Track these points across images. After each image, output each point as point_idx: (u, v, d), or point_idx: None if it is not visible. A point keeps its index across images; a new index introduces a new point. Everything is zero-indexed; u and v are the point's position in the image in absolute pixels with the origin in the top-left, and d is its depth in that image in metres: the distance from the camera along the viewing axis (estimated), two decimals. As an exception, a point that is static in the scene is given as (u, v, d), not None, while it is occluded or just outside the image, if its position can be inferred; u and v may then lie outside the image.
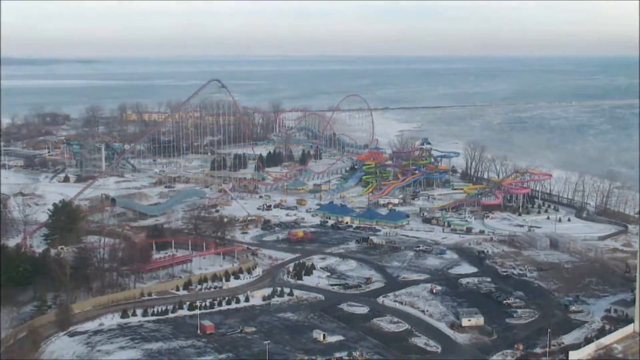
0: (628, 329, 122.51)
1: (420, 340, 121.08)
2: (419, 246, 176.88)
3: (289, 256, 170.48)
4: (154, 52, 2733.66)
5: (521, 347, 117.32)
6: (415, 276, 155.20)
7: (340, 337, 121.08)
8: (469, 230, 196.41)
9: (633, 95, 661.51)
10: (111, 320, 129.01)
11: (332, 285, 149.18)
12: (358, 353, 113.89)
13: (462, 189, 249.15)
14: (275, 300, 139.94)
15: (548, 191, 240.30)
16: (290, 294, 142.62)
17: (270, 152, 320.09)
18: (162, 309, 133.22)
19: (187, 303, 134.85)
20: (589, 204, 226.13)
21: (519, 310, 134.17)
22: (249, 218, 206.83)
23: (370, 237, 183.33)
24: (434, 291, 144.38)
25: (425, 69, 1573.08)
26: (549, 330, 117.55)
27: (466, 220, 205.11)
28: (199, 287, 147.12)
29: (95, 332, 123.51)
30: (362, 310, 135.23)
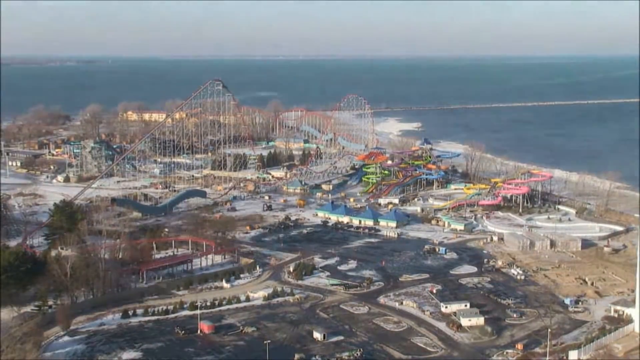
0: (628, 329, 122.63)
1: (420, 340, 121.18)
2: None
3: (289, 256, 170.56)
4: (155, 51, 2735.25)
5: (521, 347, 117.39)
6: (415, 276, 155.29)
7: (340, 337, 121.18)
8: (469, 230, 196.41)
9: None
10: (112, 320, 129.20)
11: (332, 285, 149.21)
12: (359, 353, 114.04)
13: (462, 188, 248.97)
14: (276, 300, 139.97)
15: (548, 191, 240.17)
16: (291, 293, 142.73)
17: (270, 152, 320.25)
18: (162, 309, 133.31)
19: (188, 303, 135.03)
20: (590, 203, 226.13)
21: (519, 310, 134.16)
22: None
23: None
24: (434, 291, 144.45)
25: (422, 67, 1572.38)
26: (549, 330, 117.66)
27: (466, 220, 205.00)
28: (199, 287, 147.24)
29: (96, 332, 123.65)
30: (363, 310, 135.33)
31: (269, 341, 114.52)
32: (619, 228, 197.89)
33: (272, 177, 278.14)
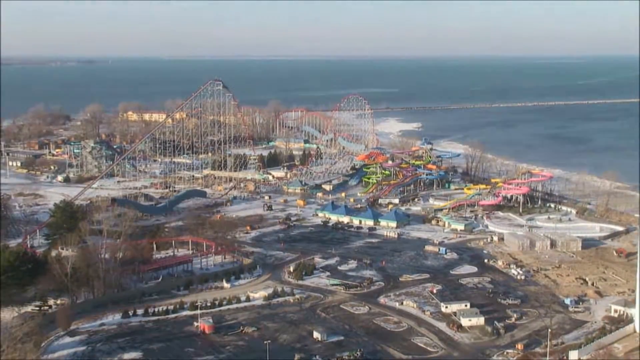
0: (628, 329, 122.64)
1: (420, 340, 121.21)
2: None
3: (289, 256, 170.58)
4: (155, 51, 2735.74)
5: (521, 347, 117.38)
6: (415, 276, 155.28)
7: (341, 337, 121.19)
8: (469, 231, 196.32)
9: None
10: (112, 320, 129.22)
11: (332, 285, 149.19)
12: (359, 353, 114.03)
13: (462, 188, 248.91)
14: (276, 300, 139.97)
15: (549, 191, 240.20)
16: (291, 293, 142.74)
17: (270, 153, 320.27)
18: (162, 309, 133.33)
19: (188, 303, 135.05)
20: (590, 203, 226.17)
21: (519, 310, 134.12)
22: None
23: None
24: (434, 291, 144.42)
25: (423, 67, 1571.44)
26: (549, 330, 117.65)
27: (467, 220, 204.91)
28: (199, 287, 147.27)
29: (96, 332, 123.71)
30: (363, 310, 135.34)
31: (269, 341, 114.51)
32: (619, 228, 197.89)
33: (273, 177, 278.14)
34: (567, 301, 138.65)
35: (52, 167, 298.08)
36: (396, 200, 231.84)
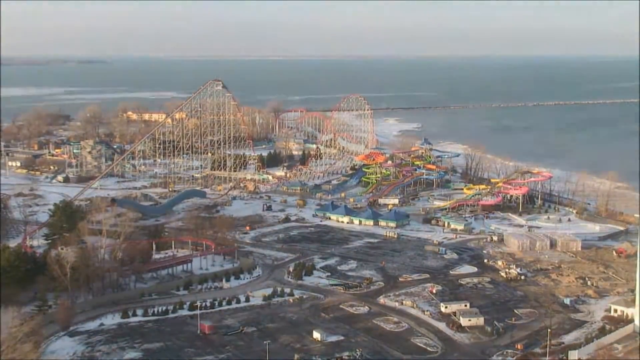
0: (628, 329, 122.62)
1: (420, 340, 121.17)
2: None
3: (289, 256, 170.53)
4: (155, 51, 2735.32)
5: (521, 347, 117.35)
6: (415, 276, 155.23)
7: (341, 337, 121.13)
8: (469, 231, 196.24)
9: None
10: (111, 320, 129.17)
11: (332, 285, 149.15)
12: (359, 353, 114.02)
13: (462, 189, 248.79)
14: (276, 300, 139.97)
15: (548, 191, 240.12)
16: (291, 294, 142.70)
17: (270, 153, 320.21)
18: (162, 309, 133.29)
19: (188, 303, 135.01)
20: (589, 204, 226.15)
21: (519, 310, 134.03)
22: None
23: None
24: (434, 291, 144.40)
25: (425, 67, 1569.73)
26: (549, 330, 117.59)
27: (466, 221, 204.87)
28: (199, 287, 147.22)
29: (96, 332, 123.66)
30: (363, 310, 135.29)
31: (269, 341, 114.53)
32: (619, 228, 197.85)
33: (273, 177, 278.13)
34: (567, 301, 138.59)
35: (51, 167, 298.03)
36: (396, 200, 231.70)
